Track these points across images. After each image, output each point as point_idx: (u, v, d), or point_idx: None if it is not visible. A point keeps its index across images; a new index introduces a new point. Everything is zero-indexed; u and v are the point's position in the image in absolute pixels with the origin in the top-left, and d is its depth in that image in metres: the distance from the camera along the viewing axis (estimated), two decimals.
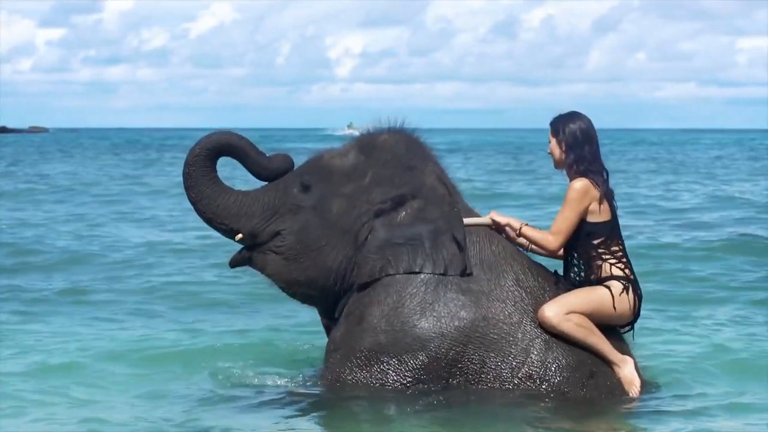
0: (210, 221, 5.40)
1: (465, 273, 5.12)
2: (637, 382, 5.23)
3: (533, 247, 5.31)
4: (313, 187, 5.34)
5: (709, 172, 30.74)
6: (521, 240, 5.31)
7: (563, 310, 5.09)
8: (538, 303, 5.15)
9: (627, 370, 5.21)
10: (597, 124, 5.30)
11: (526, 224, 5.31)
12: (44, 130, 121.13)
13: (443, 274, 5.12)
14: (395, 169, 5.32)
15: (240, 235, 5.36)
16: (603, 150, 5.35)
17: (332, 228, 5.30)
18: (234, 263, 5.49)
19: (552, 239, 5.21)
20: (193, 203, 5.40)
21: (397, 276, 5.14)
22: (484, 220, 5.34)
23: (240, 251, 5.45)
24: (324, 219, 5.31)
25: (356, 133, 5.66)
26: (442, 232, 5.18)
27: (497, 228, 5.35)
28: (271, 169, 5.39)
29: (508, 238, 5.34)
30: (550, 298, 5.17)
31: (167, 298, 8.66)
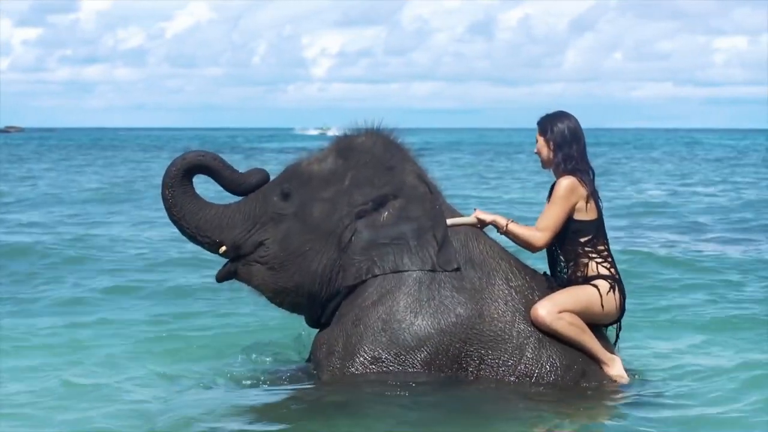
0: (193, 237, 5.37)
1: (453, 269, 5.13)
2: (626, 380, 5.30)
3: (519, 244, 5.31)
4: (293, 194, 5.31)
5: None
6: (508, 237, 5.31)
7: (556, 309, 5.11)
8: (528, 301, 5.18)
9: (616, 370, 5.28)
10: None
11: (512, 221, 5.29)
12: (20, 129, 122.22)
13: (431, 271, 5.12)
14: (374, 169, 5.29)
15: (224, 248, 5.34)
16: None
17: (315, 232, 5.26)
18: (220, 277, 5.46)
19: (539, 236, 5.22)
20: (175, 221, 5.37)
21: (389, 276, 5.15)
22: (469, 219, 5.32)
23: (225, 265, 5.43)
24: (306, 224, 5.27)
25: (328, 133, 5.62)
26: (426, 230, 5.18)
27: (482, 226, 5.34)
28: (246, 184, 5.37)
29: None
30: (539, 297, 5.19)
31: (156, 293, 8.60)
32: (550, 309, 5.11)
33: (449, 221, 5.25)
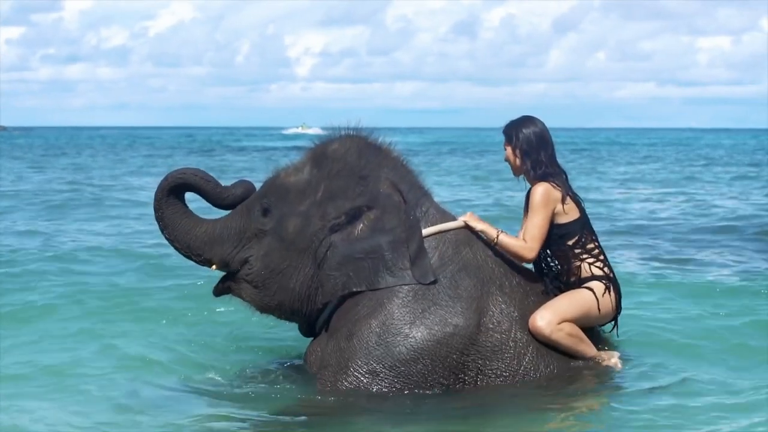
0: (188, 256, 5.42)
1: (430, 281, 5.01)
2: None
3: (509, 255, 5.22)
4: (272, 208, 5.26)
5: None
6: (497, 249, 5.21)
7: (555, 320, 5.05)
8: (525, 308, 5.09)
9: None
10: (557, 124, 5.28)
11: (503, 232, 5.21)
12: (2, 128, 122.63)
13: (408, 284, 5.00)
14: (348, 179, 5.17)
15: (214, 266, 5.38)
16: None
17: (291, 248, 5.21)
18: (217, 293, 5.51)
19: (529, 248, 5.14)
20: (169, 242, 5.43)
21: (381, 287, 5.03)
22: (457, 223, 5.21)
23: (221, 280, 5.46)
24: (283, 240, 5.22)
25: (309, 131, 5.57)
26: (402, 242, 5.06)
27: (471, 231, 5.22)
28: (231, 197, 5.37)
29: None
30: (535, 303, 5.12)
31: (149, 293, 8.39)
32: (549, 320, 5.04)
33: (436, 228, 5.14)
